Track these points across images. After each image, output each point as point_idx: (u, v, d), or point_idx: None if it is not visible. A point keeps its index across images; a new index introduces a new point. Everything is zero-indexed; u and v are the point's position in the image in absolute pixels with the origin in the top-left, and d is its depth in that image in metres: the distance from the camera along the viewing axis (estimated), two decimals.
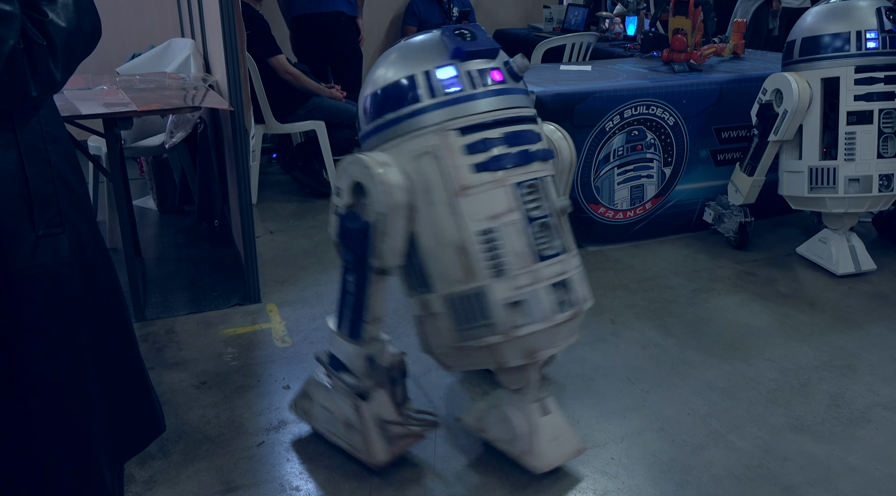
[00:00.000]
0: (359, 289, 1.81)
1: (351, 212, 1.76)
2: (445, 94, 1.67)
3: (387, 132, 1.72)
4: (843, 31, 2.97)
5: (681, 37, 3.54)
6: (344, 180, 1.75)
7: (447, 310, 1.74)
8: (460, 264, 1.69)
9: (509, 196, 1.69)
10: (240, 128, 2.66)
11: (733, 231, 3.39)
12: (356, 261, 1.78)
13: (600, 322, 2.73)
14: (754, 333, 2.66)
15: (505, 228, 1.68)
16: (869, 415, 2.18)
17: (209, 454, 2.00)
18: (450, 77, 1.68)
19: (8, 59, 0.99)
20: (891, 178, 2.99)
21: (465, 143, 1.67)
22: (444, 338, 1.78)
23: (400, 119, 1.70)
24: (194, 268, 3.25)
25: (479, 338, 1.72)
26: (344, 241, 1.79)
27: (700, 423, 2.14)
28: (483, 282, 1.68)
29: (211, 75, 3.24)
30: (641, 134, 3.34)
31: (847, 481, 1.90)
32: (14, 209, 1.08)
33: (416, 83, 1.69)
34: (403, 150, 1.70)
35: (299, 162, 4.27)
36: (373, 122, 1.75)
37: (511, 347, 1.73)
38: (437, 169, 1.68)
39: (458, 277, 1.70)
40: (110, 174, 2.68)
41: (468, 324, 1.73)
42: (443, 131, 1.67)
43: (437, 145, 1.67)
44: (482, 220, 1.67)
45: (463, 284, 1.70)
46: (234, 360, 2.48)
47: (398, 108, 1.70)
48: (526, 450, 1.86)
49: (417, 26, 5.30)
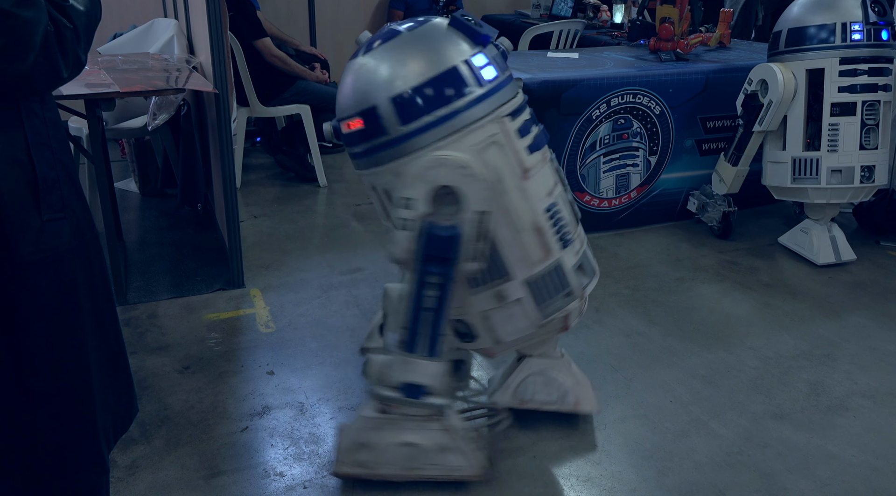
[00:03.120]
0: (441, 303, 1.70)
1: (431, 222, 1.63)
2: (490, 82, 1.65)
3: (439, 129, 1.61)
4: (829, 22, 2.98)
5: (668, 26, 3.54)
6: (421, 188, 1.61)
7: (528, 293, 1.76)
8: (539, 244, 1.74)
9: (552, 171, 1.81)
10: (224, 110, 2.63)
11: (717, 220, 3.41)
12: (443, 273, 1.66)
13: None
14: (736, 322, 2.69)
15: (559, 201, 1.80)
16: (847, 403, 2.22)
17: (192, 439, 1.99)
18: (485, 64, 1.67)
19: (42, 42, 1.01)
20: (872, 170, 3.03)
21: (517, 127, 1.71)
22: (523, 321, 1.79)
23: (455, 113, 1.61)
24: (177, 252, 3.22)
25: (562, 309, 1.81)
26: (427, 254, 1.65)
27: (682, 411, 2.16)
28: (557, 254, 1.77)
29: (195, 57, 3.20)
30: (628, 122, 3.35)
31: (825, 468, 1.94)
32: (22, 195, 1.09)
33: (462, 74, 1.62)
34: (465, 144, 1.62)
35: (284, 146, 4.23)
36: (415, 122, 1.60)
37: (579, 307, 1.87)
38: (504, 156, 1.67)
39: (538, 257, 1.75)
40: (92, 156, 2.65)
41: (551, 299, 1.79)
42: (499, 118, 1.67)
43: (498, 133, 1.66)
44: (544, 197, 1.76)
45: (543, 263, 1.76)
46: (217, 345, 2.47)
47: (450, 102, 1.60)
48: (578, 399, 2.04)
49: (404, 10, 5.25)
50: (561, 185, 1.84)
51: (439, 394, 1.76)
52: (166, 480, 1.84)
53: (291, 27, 5.20)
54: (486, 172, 1.63)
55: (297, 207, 3.77)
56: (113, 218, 2.82)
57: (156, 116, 3.09)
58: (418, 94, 1.60)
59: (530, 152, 1.72)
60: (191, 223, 3.54)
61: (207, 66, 2.76)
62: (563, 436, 2.04)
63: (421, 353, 1.74)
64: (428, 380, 1.75)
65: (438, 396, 1.76)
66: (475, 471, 1.81)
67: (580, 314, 1.91)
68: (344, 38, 5.40)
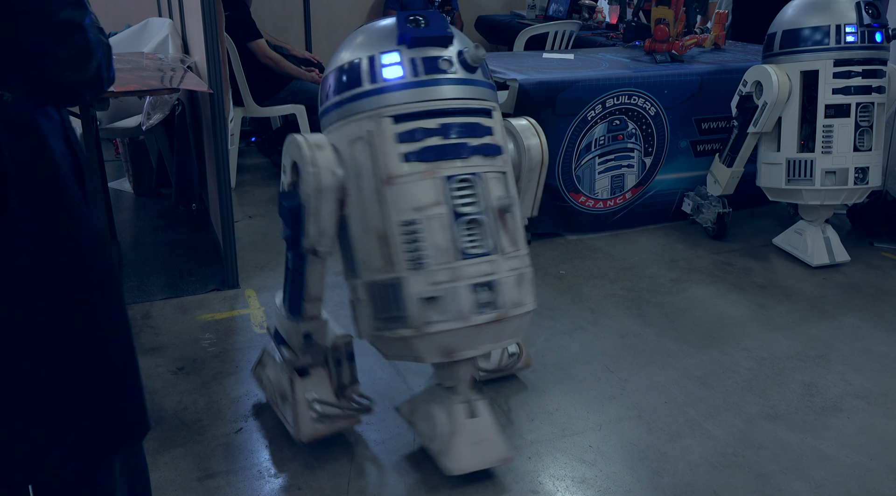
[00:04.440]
0: (297, 267, 1.82)
1: (291, 190, 1.75)
2: (384, 80, 1.64)
3: (332, 114, 1.73)
4: (823, 24, 2.99)
5: (663, 27, 3.55)
6: (286, 158, 1.77)
7: (368, 298, 1.73)
8: (380, 253, 1.67)
9: (437, 189, 1.64)
10: (219, 110, 2.62)
11: (711, 221, 3.42)
12: (293, 239, 1.77)
13: (579, 310, 2.74)
14: (730, 323, 2.70)
15: (428, 221, 1.63)
16: (841, 404, 2.22)
17: (186, 440, 1.98)
18: (392, 63, 1.65)
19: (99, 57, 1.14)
20: (866, 171, 3.04)
21: (398, 132, 1.63)
22: (365, 324, 1.79)
23: (343, 102, 1.70)
24: (171, 252, 3.21)
25: (393, 330, 1.70)
26: (283, 218, 1.79)
27: (677, 412, 2.16)
28: (400, 273, 1.65)
29: (189, 56, 3.19)
30: (623, 123, 3.35)
31: (819, 469, 1.94)
32: (74, 185, 1.18)
33: (360, 67, 1.68)
34: (342, 133, 1.71)
35: (279, 147, 4.22)
36: (325, 103, 1.77)
37: (425, 343, 1.69)
38: (369, 155, 1.65)
39: (378, 266, 1.68)
40: (86, 155, 2.63)
41: (385, 314, 1.71)
42: (378, 117, 1.64)
43: (371, 131, 1.65)
44: (406, 210, 1.63)
45: (382, 273, 1.68)
46: (211, 346, 2.46)
47: (342, 92, 1.70)
48: (443, 449, 1.80)
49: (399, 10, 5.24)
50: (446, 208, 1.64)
51: (295, 351, 1.93)
52: (160, 481, 1.83)
53: (287, 27, 5.19)
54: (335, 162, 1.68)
55: None
56: (107, 218, 2.81)
57: (150, 116, 3.08)
58: (329, 79, 1.76)
59: (406, 161, 1.63)
60: (185, 223, 3.53)
61: (202, 66, 2.75)
62: (557, 437, 2.04)
63: (284, 306, 1.92)
64: (284, 334, 1.95)
65: (292, 352, 1.94)
66: (296, 432, 1.91)
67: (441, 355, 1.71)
68: (339, 38, 5.32)
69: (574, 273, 3.07)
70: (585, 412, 2.15)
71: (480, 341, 1.71)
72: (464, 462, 1.78)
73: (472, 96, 1.70)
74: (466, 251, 1.65)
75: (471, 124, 1.68)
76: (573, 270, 3.09)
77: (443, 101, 1.66)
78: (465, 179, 1.66)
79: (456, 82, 1.68)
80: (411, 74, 1.64)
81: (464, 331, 1.66)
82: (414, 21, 1.68)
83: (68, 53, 1.06)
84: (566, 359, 2.43)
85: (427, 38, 1.67)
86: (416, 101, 1.64)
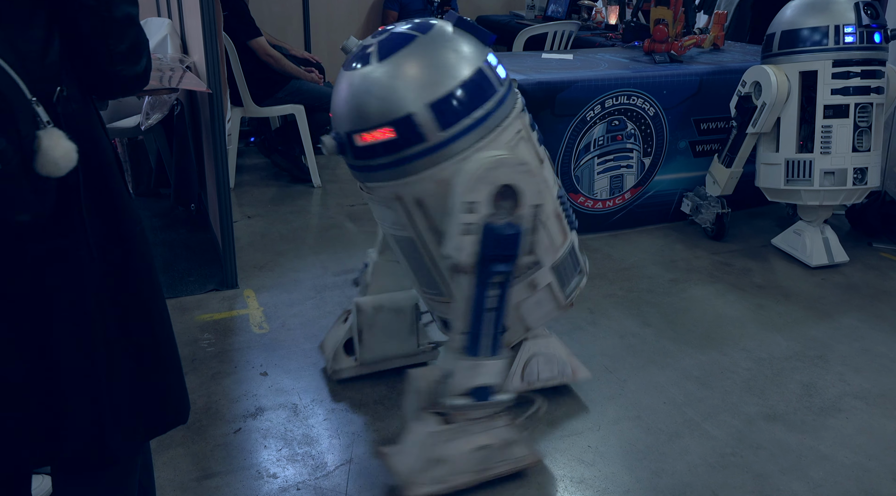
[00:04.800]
0: (502, 301, 1.69)
1: (491, 223, 1.60)
2: (505, 80, 1.72)
3: (478, 131, 1.61)
4: (822, 25, 2.99)
5: (662, 27, 3.55)
6: (484, 190, 1.57)
7: (555, 278, 1.84)
8: (560, 229, 1.84)
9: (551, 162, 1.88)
10: (217, 110, 2.62)
11: (710, 222, 3.42)
12: (506, 272, 1.66)
13: (578, 311, 2.74)
14: (729, 323, 2.70)
15: (560, 189, 1.89)
16: (839, 404, 2.23)
17: (185, 441, 1.98)
18: (497, 63, 1.71)
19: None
20: (865, 172, 3.04)
21: (529, 121, 1.79)
22: (550, 305, 1.87)
23: (489, 113, 1.62)
24: (170, 252, 3.21)
25: (578, 286, 1.93)
26: (496, 255, 1.62)
27: (676, 412, 2.16)
28: (571, 234, 1.89)
29: (188, 56, 3.19)
30: (622, 124, 3.35)
31: (818, 469, 1.94)
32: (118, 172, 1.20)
33: (487, 75, 1.64)
34: (500, 142, 1.63)
35: (279, 147, 4.22)
36: (455, 126, 1.58)
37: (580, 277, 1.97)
38: (530, 149, 1.75)
39: (560, 242, 1.84)
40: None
41: (570, 279, 1.90)
42: (521, 113, 1.74)
43: (523, 128, 1.74)
44: (553, 185, 1.84)
45: (562, 247, 1.85)
46: (210, 346, 2.46)
47: (484, 103, 1.61)
48: (574, 369, 2.21)
49: (398, 11, 5.25)
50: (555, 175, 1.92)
51: (504, 390, 1.79)
52: (159, 482, 1.82)
53: (286, 28, 5.19)
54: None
55: (291, 208, 3.76)
56: None
57: (149, 116, 3.08)
58: (454, 97, 1.58)
59: (540, 144, 1.82)
60: (184, 223, 3.53)
61: (201, 66, 2.75)
62: (556, 437, 2.04)
63: (485, 354, 1.72)
64: (495, 379, 1.75)
65: (504, 392, 1.79)
66: (536, 456, 1.91)
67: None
68: (338, 38, 5.37)
69: None
70: (584, 412, 2.15)
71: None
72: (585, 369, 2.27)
73: None
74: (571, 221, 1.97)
75: None
76: None
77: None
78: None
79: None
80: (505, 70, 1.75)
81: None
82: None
83: (125, 47, 1.10)
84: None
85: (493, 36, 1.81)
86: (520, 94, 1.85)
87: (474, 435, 1.79)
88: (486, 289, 1.66)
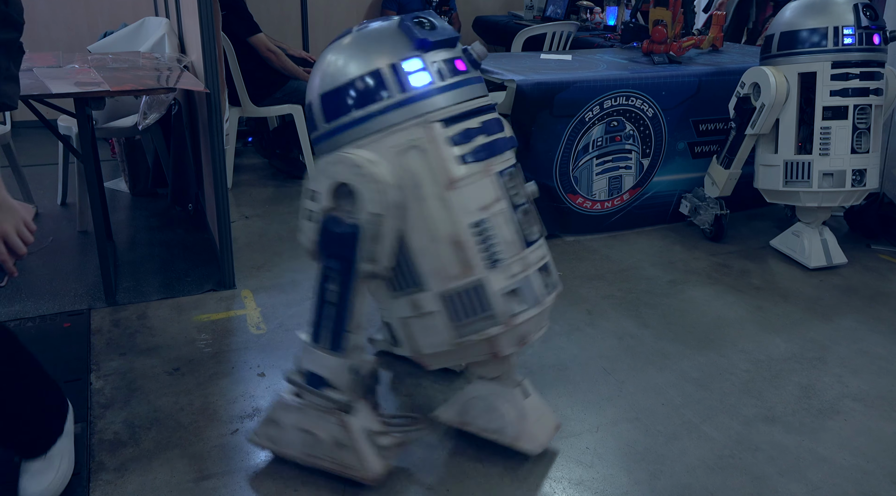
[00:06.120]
0: (342, 298, 1.71)
1: (332, 216, 1.66)
2: (415, 88, 1.63)
3: (356, 130, 1.64)
4: (821, 26, 2.99)
5: (661, 28, 3.55)
6: (323, 182, 1.65)
7: (443, 308, 1.69)
8: (457, 259, 1.66)
9: (495, 185, 1.68)
10: (215, 110, 2.61)
11: (709, 223, 3.42)
12: (341, 269, 1.68)
13: (577, 312, 2.74)
14: (728, 325, 2.69)
15: (495, 218, 1.68)
16: (838, 406, 2.22)
17: (182, 441, 1.97)
18: (417, 69, 1.64)
19: None
20: (863, 174, 3.04)
21: (450, 135, 1.64)
22: (439, 336, 1.73)
23: (370, 116, 1.62)
24: (167, 252, 3.20)
25: (479, 332, 1.70)
26: (326, 249, 1.69)
27: (674, 414, 2.16)
28: (480, 274, 1.67)
29: (186, 56, 3.18)
30: (621, 125, 3.35)
31: (816, 471, 1.94)
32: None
33: (384, 77, 1.62)
34: (384, 145, 1.63)
35: (278, 148, 4.21)
36: (336, 121, 1.66)
37: (509, 336, 1.73)
38: (425, 162, 1.62)
39: (454, 272, 1.67)
40: (81, 155, 2.62)
41: (468, 319, 1.70)
42: (427, 123, 1.62)
43: (423, 138, 1.62)
44: (474, 211, 1.65)
45: (460, 279, 1.67)
46: (207, 347, 2.45)
47: (367, 105, 1.62)
48: (518, 435, 1.89)
49: (397, 11, 5.24)
50: (506, 202, 1.70)
51: (341, 389, 1.77)
52: (155, 483, 1.82)
53: (284, 27, 5.19)
54: (391, 175, 1.61)
55: (289, 208, 3.75)
56: (103, 217, 2.80)
57: (146, 116, 3.07)
58: (340, 93, 1.65)
59: (463, 162, 1.64)
60: (181, 223, 3.52)
61: (199, 66, 2.74)
62: (554, 438, 2.03)
63: (323, 345, 1.77)
64: (327, 373, 1.77)
65: (339, 392, 1.77)
66: (366, 474, 1.79)
67: (518, 343, 1.77)
68: None
69: (571, 274, 3.06)
70: (582, 414, 2.15)
71: (542, 322, 1.82)
72: (539, 439, 1.92)
73: (485, 93, 1.76)
74: (527, 239, 1.75)
75: (495, 120, 1.76)
76: (570, 272, 3.09)
77: (476, 100, 1.70)
78: (510, 172, 1.74)
79: (474, 81, 1.72)
80: (439, 79, 1.65)
81: (537, 316, 1.76)
82: (420, 24, 1.67)
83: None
84: (563, 360, 2.42)
85: (442, 41, 1.68)
86: (458, 103, 1.66)
87: (306, 417, 1.83)
88: (325, 282, 1.73)
